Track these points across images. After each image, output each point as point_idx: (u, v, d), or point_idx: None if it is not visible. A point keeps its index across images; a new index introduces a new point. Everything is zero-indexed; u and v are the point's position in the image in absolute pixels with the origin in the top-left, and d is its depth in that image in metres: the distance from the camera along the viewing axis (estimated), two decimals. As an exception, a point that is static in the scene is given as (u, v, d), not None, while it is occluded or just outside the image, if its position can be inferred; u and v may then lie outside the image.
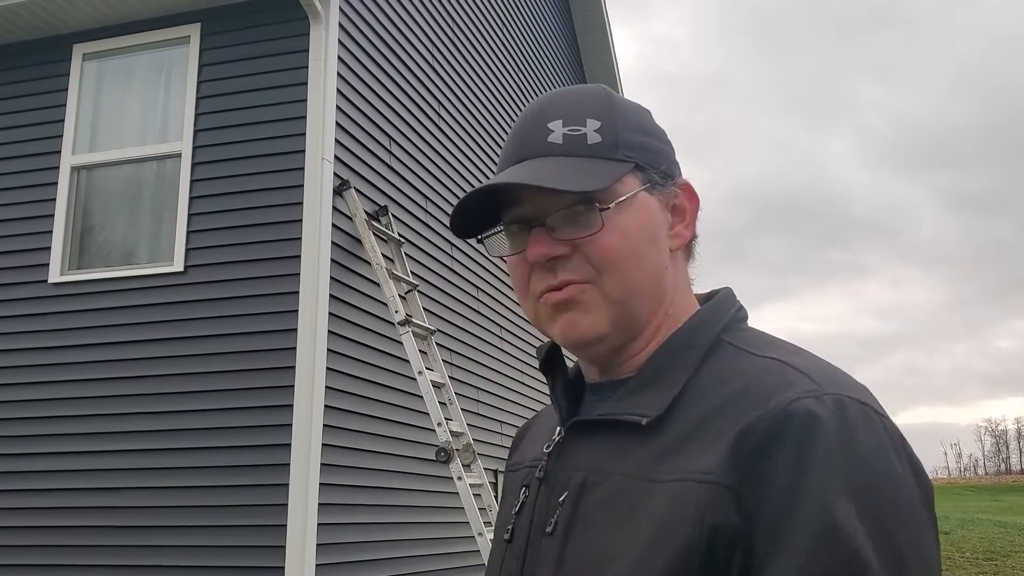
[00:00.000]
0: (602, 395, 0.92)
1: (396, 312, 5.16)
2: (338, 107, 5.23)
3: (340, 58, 5.31)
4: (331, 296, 4.99)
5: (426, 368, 5.21)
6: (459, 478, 4.93)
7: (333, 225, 5.06)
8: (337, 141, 5.20)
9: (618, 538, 0.79)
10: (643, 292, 0.88)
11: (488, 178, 7.33)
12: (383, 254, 5.40)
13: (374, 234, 5.35)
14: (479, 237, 0.94)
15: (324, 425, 4.80)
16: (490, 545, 4.93)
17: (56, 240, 5.48)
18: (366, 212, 5.35)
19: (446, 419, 5.14)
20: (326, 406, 4.84)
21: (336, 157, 5.17)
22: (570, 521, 0.84)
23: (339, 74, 5.28)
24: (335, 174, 5.15)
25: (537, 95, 9.83)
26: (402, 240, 5.86)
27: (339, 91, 5.26)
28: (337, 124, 5.21)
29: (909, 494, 0.75)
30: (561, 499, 0.86)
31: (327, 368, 4.87)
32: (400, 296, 5.40)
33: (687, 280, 0.94)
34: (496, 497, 6.97)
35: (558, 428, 0.94)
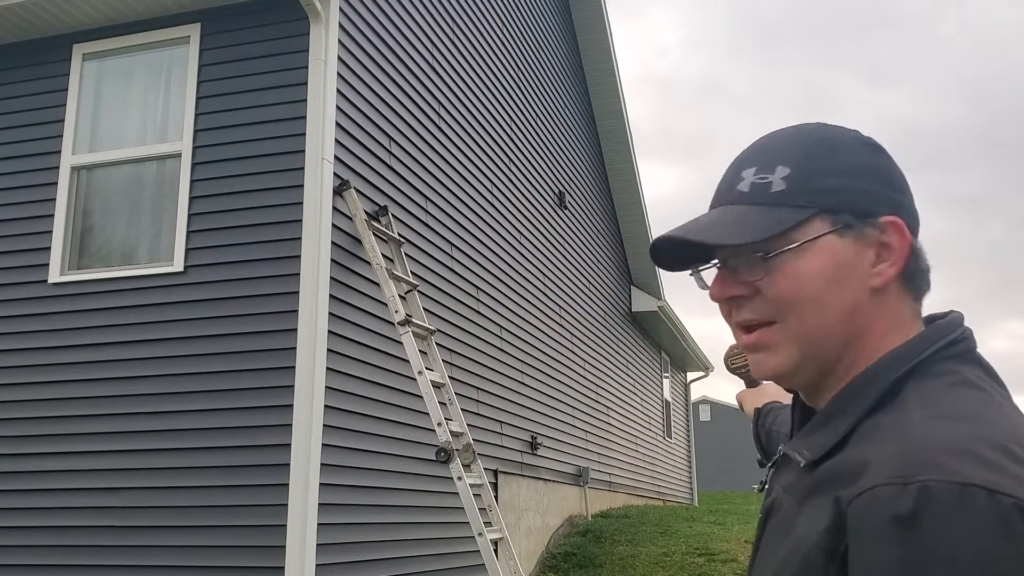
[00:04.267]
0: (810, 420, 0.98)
1: (396, 312, 5.16)
2: (338, 107, 5.23)
3: (340, 58, 5.31)
4: (331, 296, 4.99)
5: (426, 368, 5.20)
6: (459, 478, 4.93)
7: (333, 225, 5.06)
8: (337, 141, 5.20)
9: (773, 557, 0.89)
10: (825, 331, 0.90)
11: (483, 179, 7.22)
12: (383, 254, 5.40)
13: (374, 234, 5.35)
14: (690, 273, 1.01)
15: (324, 425, 4.80)
16: (490, 545, 4.93)
17: (56, 240, 5.48)
18: (366, 212, 5.35)
19: (446, 419, 5.13)
20: (326, 406, 4.84)
21: (336, 157, 5.17)
22: (760, 537, 0.96)
23: (339, 74, 5.28)
24: (335, 174, 5.15)
25: (537, 95, 9.82)
26: (402, 240, 5.86)
27: (339, 91, 5.26)
28: (337, 124, 5.21)
29: None
30: (761, 515, 0.99)
31: (327, 368, 4.87)
32: (400, 296, 5.40)
33: (900, 315, 0.92)
34: (496, 497, 6.96)
35: (780, 446, 1.05)
